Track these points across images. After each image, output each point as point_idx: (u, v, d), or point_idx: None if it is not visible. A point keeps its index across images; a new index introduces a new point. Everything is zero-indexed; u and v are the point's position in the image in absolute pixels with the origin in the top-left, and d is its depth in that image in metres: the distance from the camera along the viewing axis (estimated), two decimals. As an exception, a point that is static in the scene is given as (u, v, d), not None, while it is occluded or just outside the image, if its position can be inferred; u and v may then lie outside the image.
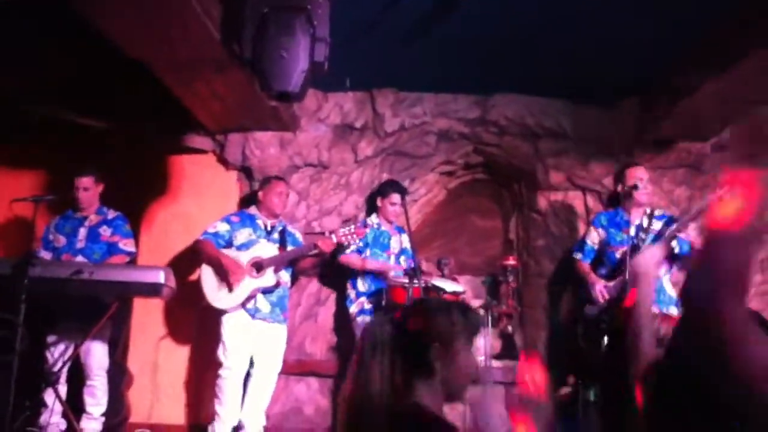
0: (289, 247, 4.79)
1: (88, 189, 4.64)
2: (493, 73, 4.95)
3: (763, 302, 5.05)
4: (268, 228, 4.86)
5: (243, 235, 4.78)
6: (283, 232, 4.86)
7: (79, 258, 4.51)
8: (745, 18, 3.77)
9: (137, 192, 5.30)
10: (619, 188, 4.60)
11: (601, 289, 4.44)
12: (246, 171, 5.41)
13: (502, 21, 4.17)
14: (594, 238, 4.71)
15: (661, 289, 4.38)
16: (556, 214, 5.52)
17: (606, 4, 3.90)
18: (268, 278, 4.63)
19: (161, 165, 5.44)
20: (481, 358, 5.09)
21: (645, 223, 4.42)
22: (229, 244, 4.74)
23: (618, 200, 4.68)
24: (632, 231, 4.36)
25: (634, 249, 4.28)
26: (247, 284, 4.60)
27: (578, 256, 4.77)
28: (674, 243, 4.33)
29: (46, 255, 4.56)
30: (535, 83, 5.16)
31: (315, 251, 4.74)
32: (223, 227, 4.80)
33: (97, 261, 4.48)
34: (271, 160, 5.34)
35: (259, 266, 4.63)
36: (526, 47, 4.47)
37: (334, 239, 4.67)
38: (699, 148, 5.29)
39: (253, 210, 4.95)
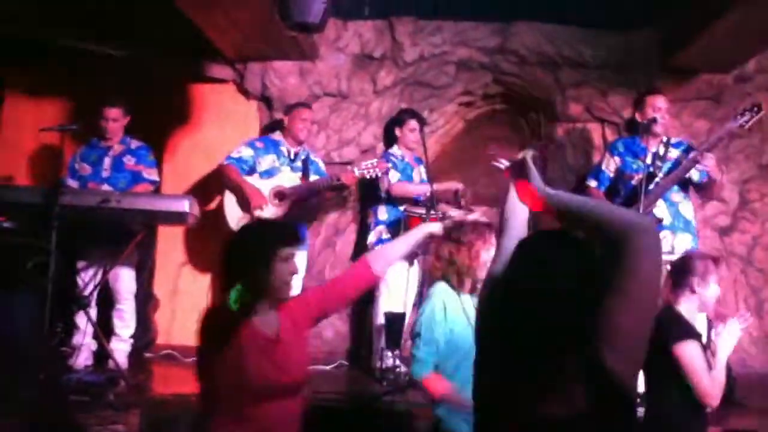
0: (312, 176, 4.80)
1: (117, 120, 4.67)
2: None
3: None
4: (292, 155, 4.86)
5: (266, 161, 4.79)
6: (306, 161, 4.85)
7: (105, 186, 4.57)
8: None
9: (159, 121, 5.32)
10: (638, 116, 4.49)
11: None
12: (266, 101, 5.42)
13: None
14: (611, 165, 4.61)
15: (676, 214, 4.37)
16: (574, 144, 5.51)
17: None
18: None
19: (182, 94, 5.46)
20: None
21: (661, 151, 4.37)
22: (252, 170, 4.76)
23: (636, 128, 4.61)
24: (648, 159, 4.30)
25: (650, 177, 4.23)
26: (269, 213, 4.64)
27: (593, 183, 4.68)
28: (693, 172, 4.32)
29: (72, 183, 4.63)
30: (556, 10, 5.08)
31: (337, 183, 4.75)
32: (247, 152, 4.80)
33: (122, 189, 4.52)
34: (290, 90, 5.35)
35: (281, 195, 4.68)
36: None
37: (357, 172, 4.66)
38: (720, 79, 5.24)
39: (277, 136, 4.93)
